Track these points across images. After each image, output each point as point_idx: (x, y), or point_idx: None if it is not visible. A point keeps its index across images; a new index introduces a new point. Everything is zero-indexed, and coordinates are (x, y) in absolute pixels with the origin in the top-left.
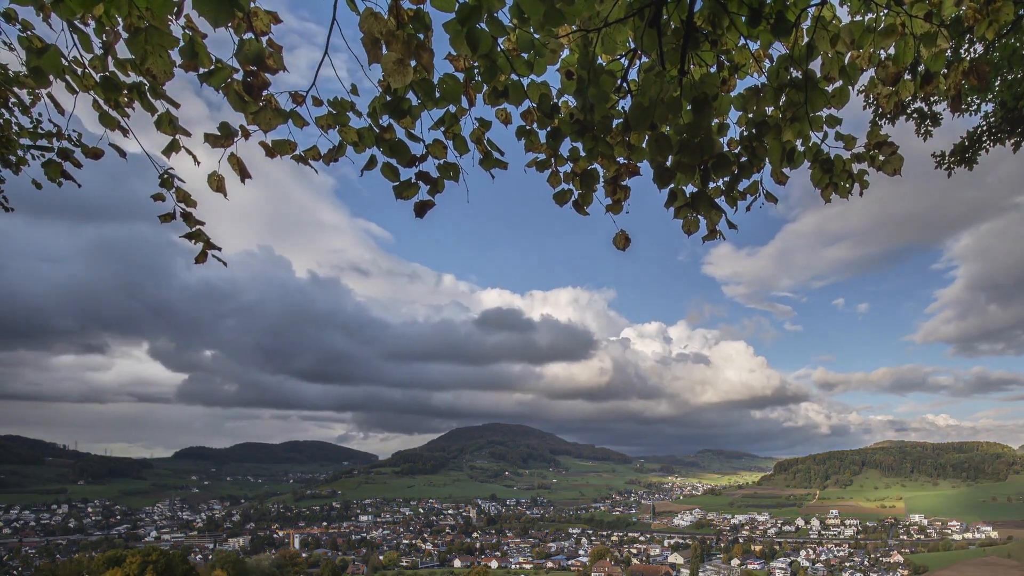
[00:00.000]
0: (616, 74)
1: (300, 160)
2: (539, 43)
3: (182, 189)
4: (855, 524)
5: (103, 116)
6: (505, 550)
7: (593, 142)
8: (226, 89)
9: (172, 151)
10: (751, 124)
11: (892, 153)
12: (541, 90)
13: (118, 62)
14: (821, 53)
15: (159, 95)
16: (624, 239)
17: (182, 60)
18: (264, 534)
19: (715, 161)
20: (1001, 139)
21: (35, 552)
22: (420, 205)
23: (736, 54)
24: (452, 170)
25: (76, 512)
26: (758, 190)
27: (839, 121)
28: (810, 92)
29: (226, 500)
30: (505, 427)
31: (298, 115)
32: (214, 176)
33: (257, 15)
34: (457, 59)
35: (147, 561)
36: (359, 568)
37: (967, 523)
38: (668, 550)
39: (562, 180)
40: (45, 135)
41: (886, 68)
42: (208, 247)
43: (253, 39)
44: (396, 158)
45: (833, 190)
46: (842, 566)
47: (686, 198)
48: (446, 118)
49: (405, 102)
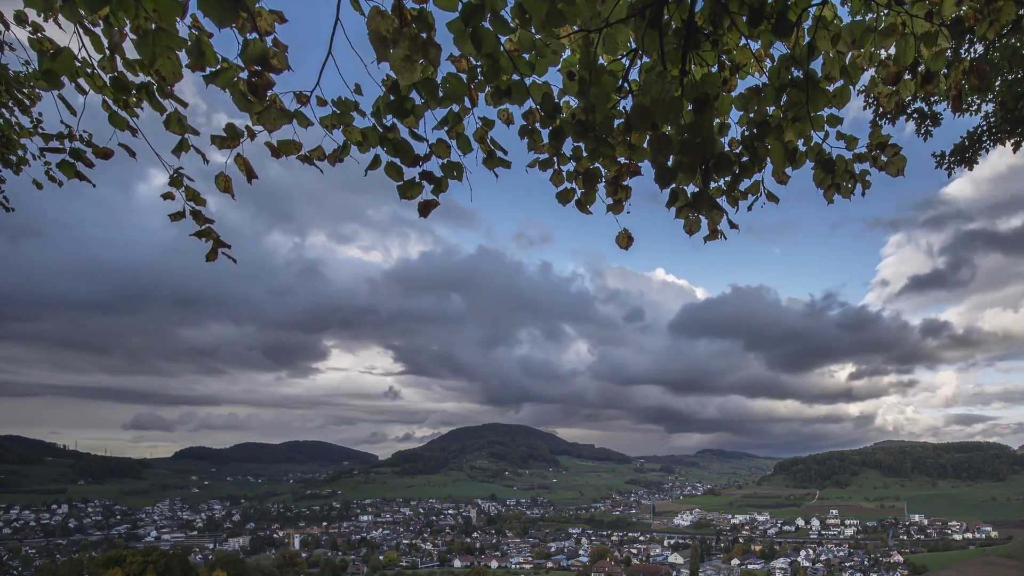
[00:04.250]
0: (617, 74)
1: (305, 160)
2: (541, 43)
3: (191, 188)
4: (855, 524)
5: (112, 116)
6: (505, 550)
7: (595, 142)
8: (231, 89)
9: (181, 150)
10: (752, 124)
11: (895, 154)
12: (543, 90)
13: (126, 62)
14: (822, 53)
15: (167, 95)
16: (627, 238)
17: (189, 60)
18: (264, 534)
19: (716, 161)
20: (1001, 139)
21: (35, 552)
22: (424, 204)
23: (737, 54)
24: (456, 169)
25: (76, 512)
26: (759, 190)
27: (840, 121)
28: (811, 92)
29: (226, 500)
30: (505, 427)
31: (303, 115)
32: (221, 176)
33: (261, 15)
34: (460, 59)
35: (147, 561)
36: (359, 568)
37: (967, 523)
38: (668, 550)
39: (565, 179)
40: (56, 136)
41: (887, 68)
42: (218, 244)
43: (257, 39)
44: (400, 157)
45: (836, 190)
46: (842, 566)
47: (687, 198)
48: (449, 117)
49: (409, 102)
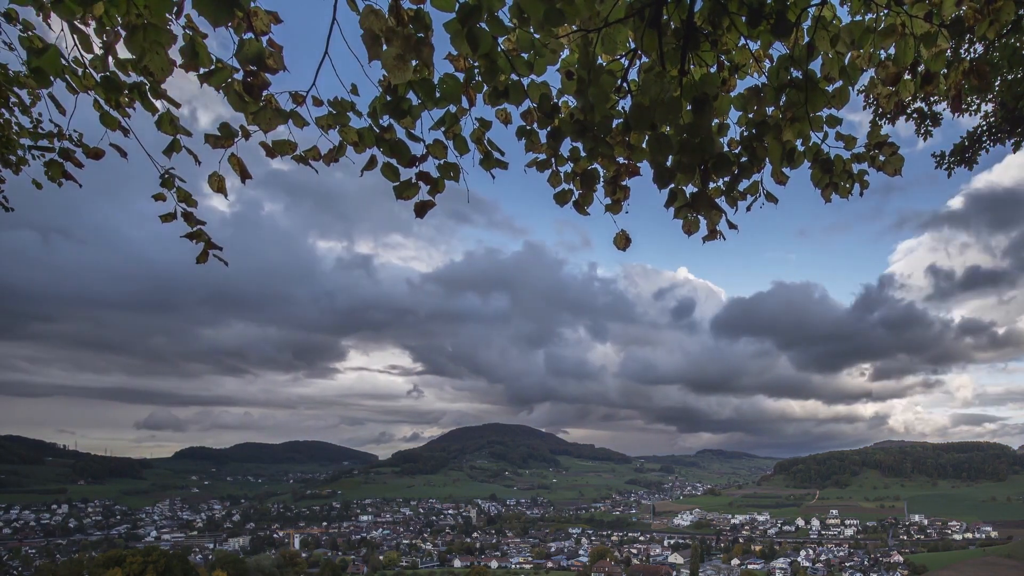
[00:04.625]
0: (616, 74)
1: (300, 160)
2: (539, 43)
3: (183, 189)
4: (855, 524)
5: (104, 116)
6: (505, 550)
7: (593, 142)
8: (226, 89)
9: (173, 151)
10: (751, 124)
11: (892, 153)
12: (541, 90)
13: (118, 62)
14: (821, 53)
15: (160, 95)
16: (624, 239)
17: (183, 60)
18: (264, 534)
19: (715, 161)
20: (1001, 139)
21: (35, 552)
22: (420, 205)
23: (736, 54)
24: (452, 170)
25: (76, 512)
26: (758, 190)
27: (839, 121)
28: (810, 92)
29: (226, 500)
30: (505, 427)
31: (298, 115)
32: (215, 176)
33: (257, 15)
34: (457, 59)
35: (147, 561)
36: (359, 568)
37: (967, 523)
38: (668, 550)
39: (562, 180)
40: (46, 135)
41: (886, 68)
42: (209, 247)
43: (253, 39)
44: (396, 158)
45: (833, 190)
46: (842, 566)
47: (686, 198)
48: (446, 118)
49: (405, 102)
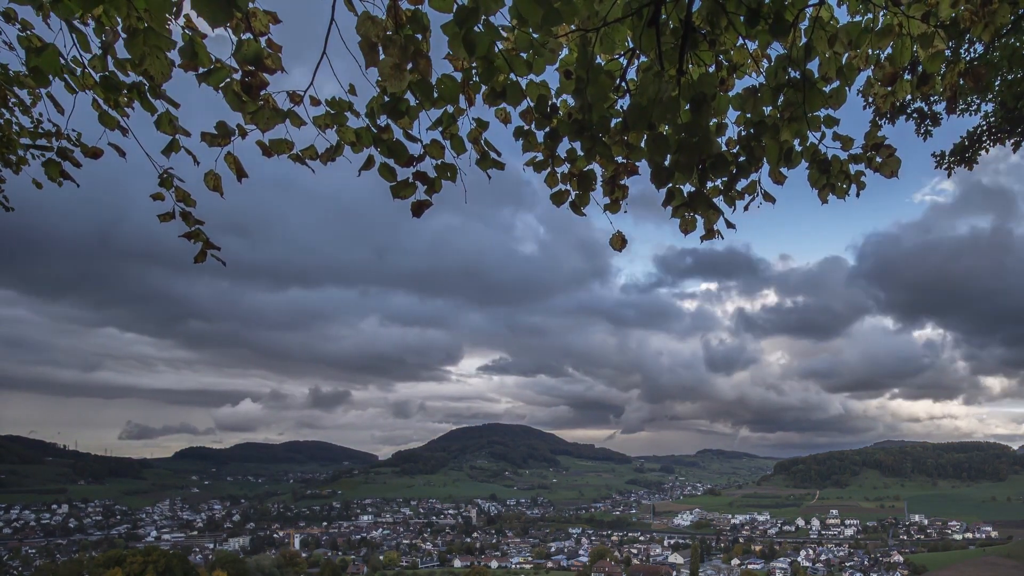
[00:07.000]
0: (614, 74)
1: (297, 160)
2: (538, 43)
3: (181, 188)
4: (855, 524)
5: (102, 116)
6: (505, 550)
7: (591, 141)
8: (224, 89)
9: (171, 151)
10: (749, 124)
11: (889, 155)
12: (540, 90)
13: (117, 62)
14: (819, 53)
15: (159, 95)
16: (620, 240)
17: (182, 60)
18: (264, 534)
19: (713, 161)
20: (1001, 139)
21: (35, 552)
22: (417, 205)
23: (734, 54)
24: (449, 170)
25: (76, 512)
26: (756, 190)
27: (837, 121)
28: (808, 92)
29: (226, 500)
30: (505, 427)
31: (296, 115)
32: (210, 175)
33: (256, 15)
34: (456, 59)
35: (147, 561)
36: (359, 568)
37: (967, 523)
38: (668, 550)
39: (559, 181)
40: (45, 135)
41: (883, 68)
42: (207, 246)
43: (251, 39)
44: (394, 158)
45: (830, 191)
46: (842, 566)
47: (684, 197)
48: (444, 118)
49: (403, 102)
